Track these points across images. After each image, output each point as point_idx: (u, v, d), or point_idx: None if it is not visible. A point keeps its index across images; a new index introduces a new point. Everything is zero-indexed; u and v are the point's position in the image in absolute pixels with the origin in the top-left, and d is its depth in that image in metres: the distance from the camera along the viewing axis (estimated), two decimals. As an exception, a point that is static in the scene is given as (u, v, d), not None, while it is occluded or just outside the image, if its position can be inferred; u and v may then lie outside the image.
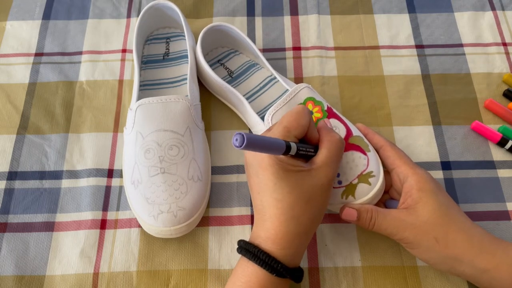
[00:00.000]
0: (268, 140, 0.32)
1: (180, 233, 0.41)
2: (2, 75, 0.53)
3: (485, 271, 0.35)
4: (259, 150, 0.32)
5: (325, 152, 0.37)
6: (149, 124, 0.43)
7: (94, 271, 0.42)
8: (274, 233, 0.34)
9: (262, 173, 0.35)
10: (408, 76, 0.53)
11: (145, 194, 0.41)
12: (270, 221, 0.35)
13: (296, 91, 0.44)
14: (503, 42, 0.55)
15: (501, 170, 0.47)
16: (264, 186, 0.35)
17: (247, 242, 0.36)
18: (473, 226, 0.37)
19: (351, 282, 0.42)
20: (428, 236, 0.36)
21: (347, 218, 0.39)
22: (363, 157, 0.41)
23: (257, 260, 0.34)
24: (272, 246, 0.34)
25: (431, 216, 0.37)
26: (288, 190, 0.34)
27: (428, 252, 0.37)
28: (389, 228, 0.38)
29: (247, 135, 0.28)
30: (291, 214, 0.34)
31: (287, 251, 0.34)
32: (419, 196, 0.38)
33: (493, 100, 0.50)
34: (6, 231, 0.44)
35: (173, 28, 0.54)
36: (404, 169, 0.39)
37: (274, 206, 0.35)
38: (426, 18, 0.57)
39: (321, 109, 0.44)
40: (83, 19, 0.57)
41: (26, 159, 0.48)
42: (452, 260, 0.36)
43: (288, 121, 0.36)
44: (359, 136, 0.43)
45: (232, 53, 0.53)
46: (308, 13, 0.57)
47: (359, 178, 0.41)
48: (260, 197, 0.36)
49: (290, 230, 0.34)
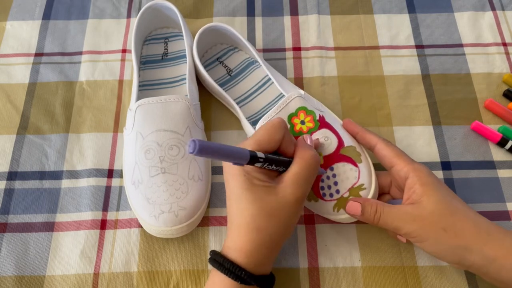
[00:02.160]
0: (226, 148, 0.31)
1: (181, 233, 0.41)
2: (2, 75, 0.53)
3: (494, 260, 0.35)
4: (217, 157, 0.31)
5: (294, 169, 0.36)
6: (149, 124, 0.43)
7: (94, 272, 0.42)
8: (238, 243, 0.35)
9: (231, 181, 0.36)
10: (408, 76, 0.53)
11: (146, 194, 0.41)
12: (236, 230, 0.35)
13: (287, 100, 0.43)
14: (503, 42, 0.55)
15: (501, 170, 0.47)
16: (231, 195, 0.36)
17: (216, 253, 0.36)
18: (478, 216, 0.37)
19: (351, 282, 0.42)
20: (436, 227, 0.36)
21: (351, 212, 0.39)
22: (354, 169, 0.41)
23: (223, 269, 0.35)
24: (238, 256, 0.35)
25: (437, 207, 0.37)
26: (250, 201, 0.35)
27: (437, 244, 0.37)
28: (395, 222, 0.37)
29: (199, 142, 0.28)
30: (253, 225, 0.35)
31: (252, 260, 0.35)
32: (423, 190, 0.37)
33: (493, 100, 0.50)
34: (6, 231, 0.44)
35: (171, 28, 0.54)
36: (404, 166, 0.39)
37: (238, 215, 0.35)
38: (426, 18, 0.57)
39: (313, 119, 0.43)
40: (83, 19, 0.57)
41: (26, 159, 0.48)
42: (462, 250, 0.36)
43: (261, 135, 0.36)
44: (351, 146, 0.43)
45: (231, 50, 0.53)
46: (308, 13, 0.57)
47: (350, 192, 0.41)
48: (229, 204, 0.37)
49: (253, 240, 0.35)
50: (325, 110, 0.46)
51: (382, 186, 0.43)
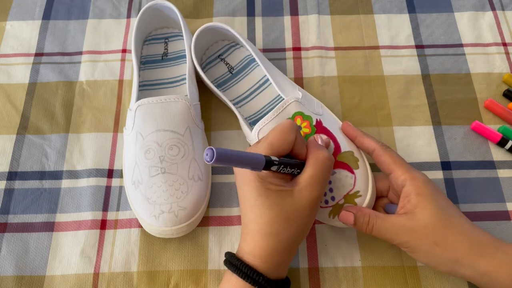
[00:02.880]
0: (243, 155, 0.31)
1: (181, 233, 0.41)
2: (2, 75, 0.53)
3: (485, 274, 0.35)
4: (234, 164, 0.31)
5: (310, 171, 0.36)
6: (149, 124, 0.43)
7: (94, 272, 0.42)
8: (255, 247, 0.35)
9: (245, 188, 0.36)
10: (408, 76, 0.53)
11: (146, 194, 0.41)
12: (251, 235, 0.35)
13: (284, 105, 0.43)
14: (503, 42, 0.55)
15: (501, 170, 0.47)
16: (246, 201, 0.36)
17: (232, 255, 0.36)
18: (473, 228, 0.37)
19: (351, 282, 0.42)
20: (428, 240, 0.36)
21: (344, 221, 0.40)
22: (350, 176, 0.41)
23: (240, 272, 0.34)
24: (254, 260, 0.35)
25: (430, 220, 0.36)
26: (267, 207, 0.34)
27: (428, 256, 0.37)
28: (388, 234, 0.38)
29: (217, 150, 0.28)
30: (270, 231, 0.34)
31: (269, 264, 0.35)
32: (417, 201, 0.37)
33: (493, 100, 0.50)
34: (6, 231, 0.44)
35: (171, 28, 0.54)
36: (401, 174, 0.39)
37: (254, 221, 0.35)
38: (426, 18, 0.57)
39: (309, 124, 0.43)
40: (83, 19, 0.57)
41: (26, 159, 0.48)
42: (453, 263, 0.36)
43: (273, 137, 0.36)
44: (348, 151, 0.42)
45: (233, 47, 0.53)
46: (308, 13, 0.57)
47: (345, 198, 0.41)
48: (243, 211, 0.36)
49: (270, 245, 0.35)
50: (324, 112, 0.46)
51: (380, 190, 0.43)
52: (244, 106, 0.49)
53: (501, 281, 0.35)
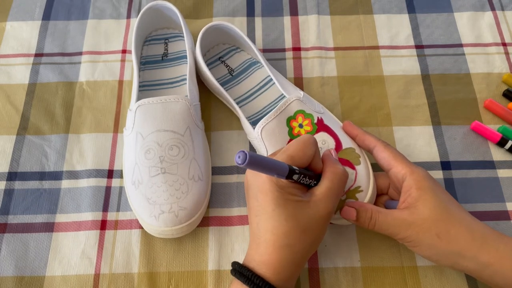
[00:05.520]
0: (271, 161, 0.32)
1: (181, 233, 0.41)
2: (2, 76, 0.53)
3: (488, 265, 0.35)
4: (261, 170, 0.32)
5: (327, 183, 0.36)
6: (149, 124, 0.43)
7: (95, 272, 0.42)
8: (268, 258, 0.34)
9: (261, 197, 0.35)
10: (408, 76, 0.53)
11: (146, 195, 0.41)
12: (265, 245, 0.35)
13: (286, 104, 0.43)
14: (502, 42, 0.55)
15: (501, 170, 0.47)
16: (262, 210, 0.35)
17: (242, 265, 0.36)
18: (474, 221, 0.37)
19: (350, 282, 0.42)
20: (430, 233, 0.36)
21: (346, 217, 0.40)
22: (351, 172, 0.41)
23: (251, 284, 0.34)
24: (266, 271, 0.34)
25: (431, 213, 0.37)
26: (284, 218, 0.34)
27: (430, 249, 0.37)
28: (391, 228, 0.38)
29: (250, 154, 0.28)
30: (286, 242, 0.34)
31: (281, 276, 0.34)
32: (418, 194, 0.37)
33: (492, 100, 0.50)
34: (6, 231, 0.44)
35: (171, 28, 0.54)
36: (401, 169, 0.39)
37: (269, 232, 0.35)
38: (425, 18, 0.57)
39: (311, 122, 0.43)
40: (83, 20, 0.57)
41: (26, 160, 0.48)
42: (455, 256, 0.36)
43: (294, 150, 0.36)
44: (349, 148, 0.43)
45: (233, 50, 0.53)
46: (308, 14, 0.57)
47: (347, 194, 0.41)
48: (257, 220, 0.36)
49: (284, 257, 0.34)
50: (324, 112, 0.46)
51: (380, 188, 0.43)
52: (245, 106, 0.49)
53: (504, 273, 0.35)
